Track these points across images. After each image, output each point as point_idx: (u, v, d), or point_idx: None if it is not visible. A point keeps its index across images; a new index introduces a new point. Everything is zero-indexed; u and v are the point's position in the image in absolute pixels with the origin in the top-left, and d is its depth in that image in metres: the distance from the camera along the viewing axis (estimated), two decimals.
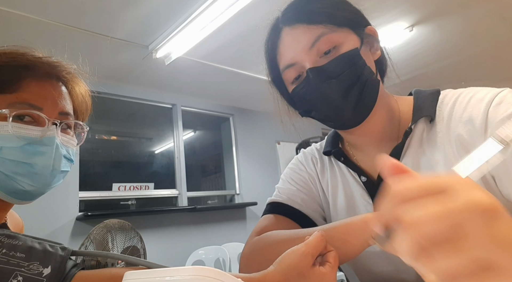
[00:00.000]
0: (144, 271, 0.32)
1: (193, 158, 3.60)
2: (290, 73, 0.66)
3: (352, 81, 0.61)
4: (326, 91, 0.61)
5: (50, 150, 0.59)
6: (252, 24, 2.23)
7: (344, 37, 0.62)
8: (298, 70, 0.64)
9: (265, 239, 0.65)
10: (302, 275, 0.47)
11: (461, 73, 3.51)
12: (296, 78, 0.66)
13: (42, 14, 2.01)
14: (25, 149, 0.57)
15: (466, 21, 2.61)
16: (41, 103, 0.59)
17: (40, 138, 0.58)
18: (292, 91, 0.67)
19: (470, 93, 0.61)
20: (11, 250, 0.44)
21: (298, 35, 0.63)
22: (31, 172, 0.57)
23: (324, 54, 0.62)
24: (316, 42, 0.61)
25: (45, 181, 0.60)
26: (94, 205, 2.87)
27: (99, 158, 3.20)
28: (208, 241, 3.16)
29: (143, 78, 3.02)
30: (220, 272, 0.30)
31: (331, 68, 0.60)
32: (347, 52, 0.61)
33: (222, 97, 3.68)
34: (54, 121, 0.60)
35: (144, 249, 2.15)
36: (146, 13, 2.10)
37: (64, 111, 0.63)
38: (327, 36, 0.61)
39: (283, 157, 4.12)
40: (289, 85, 0.68)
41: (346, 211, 0.70)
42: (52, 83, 0.63)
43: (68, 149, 0.64)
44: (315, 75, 0.61)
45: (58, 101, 0.62)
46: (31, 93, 0.59)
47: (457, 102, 0.61)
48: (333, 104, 0.62)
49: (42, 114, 0.58)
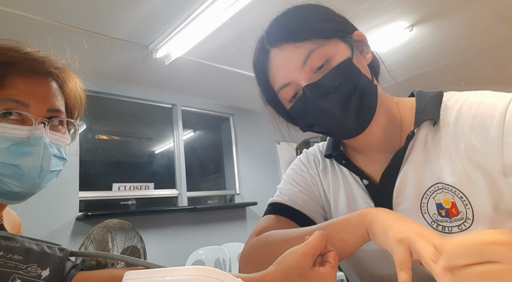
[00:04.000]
0: (144, 271, 0.32)
1: (193, 158, 3.59)
2: (286, 92, 0.64)
3: (350, 92, 0.60)
4: (326, 106, 0.60)
5: (38, 150, 0.56)
6: (252, 24, 2.22)
7: (334, 49, 0.61)
8: (294, 88, 0.63)
9: (264, 239, 0.65)
10: (302, 275, 0.47)
11: (461, 73, 3.51)
12: (293, 96, 0.64)
13: (42, 14, 2.01)
14: (12, 150, 0.54)
15: (466, 21, 2.61)
16: (27, 100, 0.57)
17: (27, 138, 0.55)
18: (291, 109, 0.66)
19: (479, 98, 0.59)
20: (8, 253, 0.43)
21: (288, 55, 0.62)
22: (19, 173, 0.55)
23: (317, 69, 0.61)
24: (307, 59, 0.60)
25: (34, 182, 0.57)
26: (94, 205, 2.87)
27: (99, 158, 3.20)
28: (208, 241, 3.15)
29: (143, 78, 3.01)
30: (220, 272, 0.30)
31: (326, 82, 0.60)
32: (340, 64, 0.60)
33: (222, 97, 3.68)
34: (42, 119, 0.58)
35: (144, 249, 2.15)
36: (146, 13, 2.10)
37: (54, 108, 0.61)
38: (317, 51, 0.60)
39: (283, 157, 4.12)
40: (287, 103, 0.67)
41: (348, 213, 0.70)
42: (39, 79, 0.60)
43: (60, 147, 0.62)
44: (312, 92, 0.60)
45: (46, 97, 0.60)
46: (16, 90, 0.56)
47: (464, 107, 0.60)
48: (335, 117, 0.61)
49: (28, 114, 0.56)
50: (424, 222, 0.60)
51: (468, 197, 0.57)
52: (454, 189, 0.58)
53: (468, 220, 0.57)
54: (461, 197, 0.58)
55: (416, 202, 0.62)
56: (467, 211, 0.57)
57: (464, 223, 0.57)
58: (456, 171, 0.58)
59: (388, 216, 0.49)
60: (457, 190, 0.58)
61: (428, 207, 0.60)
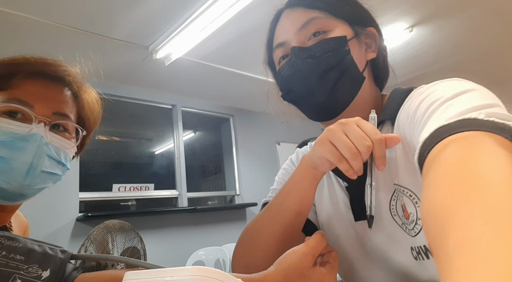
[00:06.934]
0: (144, 271, 0.32)
1: (193, 159, 3.60)
2: (279, 51, 0.66)
3: (330, 65, 0.60)
4: (303, 68, 0.61)
5: (31, 146, 0.56)
6: (252, 25, 2.23)
7: (336, 26, 0.62)
8: (285, 49, 0.65)
9: (245, 235, 0.65)
10: (303, 275, 0.47)
11: (461, 74, 3.48)
12: (283, 57, 0.66)
13: (42, 15, 2.01)
14: (6, 144, 0.55)
15: (466, 21, 2.62)
16: (32, 101, 0.57)
17: (24, 134, 0.56)
18: (278, 71, 0.67)
19: (427, 91, 0.54)
20: (10, 252, 0.43)
21: (294, 17, 0.64)
22: (7, 168, 0.55)
23: (312, 36, 0.62)
24: (307, 24, 0.62)
25: (21, 180, 0.56)
26: (94, 206, 2.87)
27: (99, 159, 3.20)
28: (208, 241, 3.15)
29: (143, 79, 3.02)
30: (221, 272, 0.30)
31: (313, 50, 0.61)
32: (333, 37, 0.61)
33: (222, 97, 3.68)
34: (44, 119, 0.58)
35: (144, 250, 2.15)
36: (146, 14, 2.10)
37: (60, 111, 0.61)
38: (319, 20, 0.62)
39: (283, 158, 4.12)
40: (277, 65, 0.69)
41: (332, 211, 0.68)
42: (49, 82, 0.61)
43: (59, 151, 0.61)
44: (297, 54, 0.61)
45: (52, 100, 0.60)
46: (23, 90, 0.57)
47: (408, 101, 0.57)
48: (308, 84, 0.61)
49: (29, 111, 0.56)
50: (396, 225, 0.57)
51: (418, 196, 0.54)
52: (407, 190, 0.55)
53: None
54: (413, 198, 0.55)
55: (386, 206, 0.59)
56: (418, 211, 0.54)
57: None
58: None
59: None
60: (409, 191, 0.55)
61: (397, 210, 0.57)
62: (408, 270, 0.56)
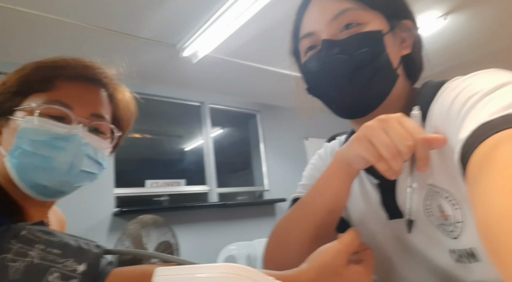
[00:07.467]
0: (175, 268, 0.32)
1: (222, 155, 3.63)
2: (305, 42, 0.62)
3: (363, 62, 0.56)
4: (334, 65, 0.57)
5: (72, 147, 0.59)
6: (277, 19, 2.20)
7: (371, 18, 0.57)
8: (314, 40, 0.60)
9: (276, 233, 0.64)
10: (337, 273, 0.46)
11: (498, 64, 3.29)
12: (310, 48, 0.61)
13: (70, 16, 2.08)
14: (48, 143, 0.57)
15: (504, 8, 2.46)
16: (72, 103, 0.60)
17: (65, 134, 0.58)
18: (304, 63, 0.63)
19: (465, 83, 0.50)
20: (48, 246, 0.45)
21: (325, 6, 0.59)
22: (49, 166, 0.57)
23: (344, 28, 0.57)
24: (340, 15, 0.57)
25: (62, 178, 0.59)
26: (127, 201, 2.96)
27: (132, 156, 3.30)
28: (239, 236, 3.18)
29: (171, 77, 3.07)
30: (252, 270, 0.30)
31: (346, 44, 0.56)
32: (368, 32, 0.56)
33: (249, 94, 3.68)
34: (82, 120, 0.60)
35: (177, 244, 2.20)
36: (173, 12, 2.13)
37: (98, 113, 0.63)
38: (353, 11, 0.57)
39: (311, 153, 4.06)
40: (303, 56, 0.64)
41: (365, 209, 0.66)
42: (87, 84, 0.63)
43: (96, 151, 0.63)
44: (327, 47, 0.57)
45: (91, 102, 0.63)
46: (63, 92, 0.60)
47: (442, 95, 0.53)
48: (337, 82, 0.57)
49: (70, 113, 0.59)
50: (431, 226, 0.55)
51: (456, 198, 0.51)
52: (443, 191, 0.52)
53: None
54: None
55: (420, 206, 0.56)
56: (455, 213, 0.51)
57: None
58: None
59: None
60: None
61: (433, 211, 0.54)
62: (451, 272, 0.54)
